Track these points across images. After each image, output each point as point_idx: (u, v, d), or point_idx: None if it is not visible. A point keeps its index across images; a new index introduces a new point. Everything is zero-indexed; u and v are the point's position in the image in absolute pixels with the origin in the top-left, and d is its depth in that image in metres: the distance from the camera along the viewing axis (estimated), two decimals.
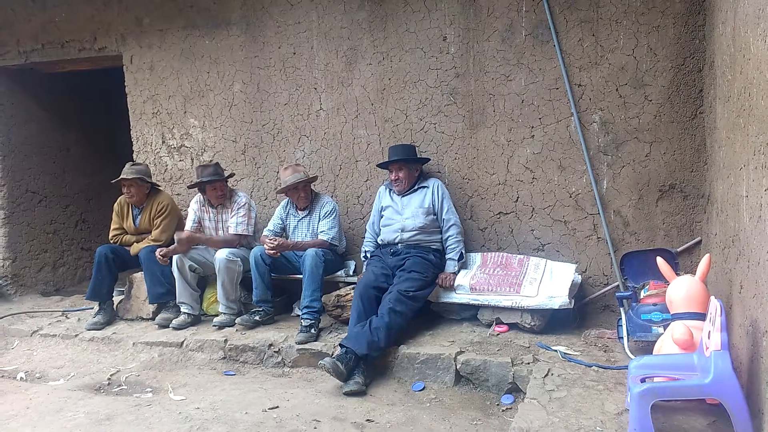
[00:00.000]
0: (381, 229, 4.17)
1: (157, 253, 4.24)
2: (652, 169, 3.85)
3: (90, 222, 6.42)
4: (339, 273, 4.39)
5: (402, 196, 4.11)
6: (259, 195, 4.87)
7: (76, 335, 4.35)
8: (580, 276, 3.95)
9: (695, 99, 3.72)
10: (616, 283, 3.91)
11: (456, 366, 3.34)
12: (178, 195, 5.08)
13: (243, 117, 4.85)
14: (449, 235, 4.03)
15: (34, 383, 3.78)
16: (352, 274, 4.46)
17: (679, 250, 3.80)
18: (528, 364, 3.21)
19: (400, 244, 4.02)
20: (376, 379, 3.41)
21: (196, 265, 4.39)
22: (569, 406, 2.64)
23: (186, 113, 5.02)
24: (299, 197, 4.29)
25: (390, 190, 4.19)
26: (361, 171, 4.56)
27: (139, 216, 4.67)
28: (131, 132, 5.22)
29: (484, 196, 4.25)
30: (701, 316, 2.55)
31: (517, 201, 4.17)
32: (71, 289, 5.94)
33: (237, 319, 4.15)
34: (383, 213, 4.18)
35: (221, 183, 4.39)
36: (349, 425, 2.88)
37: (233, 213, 4.42)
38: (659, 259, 2.90)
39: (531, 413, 2.59)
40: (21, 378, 3.88)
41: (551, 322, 3.71)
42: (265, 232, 4.38)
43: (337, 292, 4.09)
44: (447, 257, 4.03)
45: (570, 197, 4.04)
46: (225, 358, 3.90)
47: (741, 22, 2.48)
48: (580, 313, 3.90)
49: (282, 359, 3.77)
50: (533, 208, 4.13)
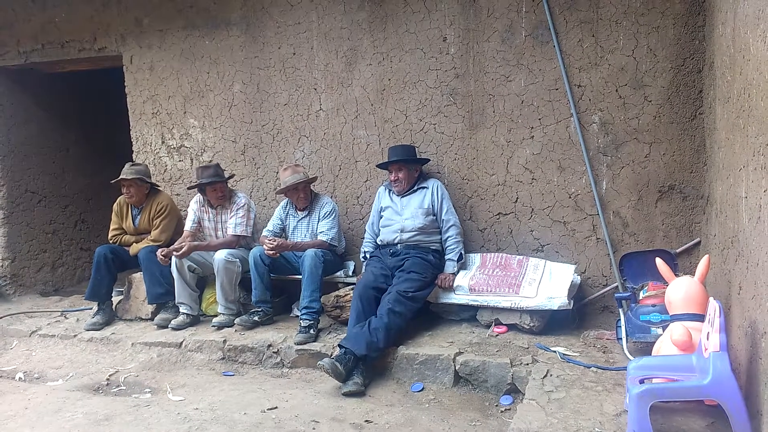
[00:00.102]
0: (380, 230, 4.17)
1: (159, 253, 4.24)
2: (651, 170, 3.85)
3: (89, 222, 6.42)
4: (338, 273, 4.39)
5: (401, 196, 4.11)
6: (259, 195, 4.87)
7: (74, 335, 4.35)
8: (579, 277, 3.95)
9: (695, 100, 3.73)
10: (615, 284, 3.91)
11: (455, 367, 3.34)
12: (177, 195, 5.08)
13: (243, 117, 4.85)
14: (448, 236, 4.03)
15: (32, 383, 3.78)
16: (351, 274, 4.46)
17: (678, 251, 3.80)
18: (527, 365, 3.21)
19: (399, 244, 4.02)
20: (375, 380, 3.41)
21: (195, 266, 4.39)
22: (568, 407, 2.64)
23: (186, 113, 5.02)
24: (299, 198, 4.29)
25: (389, 190, 4.19)
26: (361, 171, 4.56)
27: (139, 216, 4.67)
28: (131, 132, 5.22)
29: (483, 196, 4.25)
30: (700, 317, 2.55)
31: (517, 202, 4.17)
32: (70, 290, 5.94)
33: (236, 320, 4.15)
34: (383, 213, 4.18)
35: (221, 184, 4.39)
36: (348, 426, 2.87)
37: (232, 214, 4.42)
38: (658, 260, 2.90)
39: (530, 414, 2.59)
40: (20, 378, 3.88)
41: (550, 322, 3.71)
42: (265, 232, 4.38)
43: (337, 292, 4.09)
44: (446, 258, 4.03)
45: (569, 198, 4.04)
46: (224, 358, 3.90)
47: (741, 23, 2.48)
48: (579, 314, 3.90)
49: (281, 360, 3.77)
50: (533, 208, 4.13)
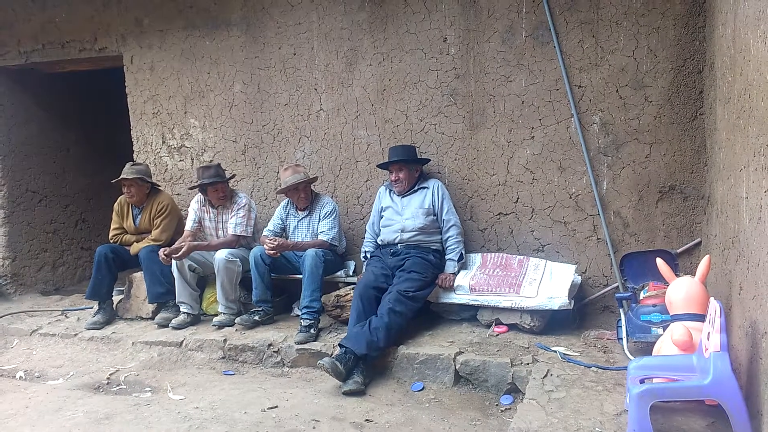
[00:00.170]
0: (381, 230, 4.17)
1: (161, 253, 4.23)
2: (652, 171, 3.86)
3: (90, 222, 6.42)
4: (339, 273, 4.39)
5: (402, 196, 4.11)
6: (259, 195, 4.87)
7: (75, 334, 4.35)
8: (579, 277, 3.96)
9: (695, 100, 3.73)
10: (615, 284, 3.91)
11: (455, 366, 3.34)
12: (178, 195, 5.08)
13: (243, 117, 4.85)
14: (449, 236, 4.03)
15: (33, 382, 3.78)
16: (351, 274, 4.47)
17: (679, 251, 3.80)
18: (527, 364, 3.21)
19: (399, 244, 4.03)
20: (375, 380, 3.41)
21: (195, 265, 4.39)
22: (568, 406, 2.64)
23: (186, 113, 5.02)
24: (299, 198, 4.29)
25: (390, 190, 4.19)
26: (361, 171, 4.56)
27: (139, 216, 4.67)
28: (131, 132, 5.23)
29: (484, 196, 4.25)
30: (701, 317, 2.55)
31: (517, 202, 4.17)
32: (71, 289, 5.94)
33: (236, 319, 4.15)
34: (383, 213, 4.18)
35: (223, 184, 4.39)
36: (348, 425, 2.88)
37: (233, 213, 4.42)
38: (659, 261, 2.90)
39: (530, 414, 2.59)
40: (20, 377, 3.88)
41: (551, 322, 3.71)
42: (265, 232, 4.39)
43: (337, 292, 4.09)
44: (447, 258, 4.03)
45: (570, 198, 4.04)
46: (224, 357, 3.90)
47: (741, 23, 2.48)
48: (579, 314, 3.90)
49: (281, 359, 3.77)
50: (533, 208, 4.13)
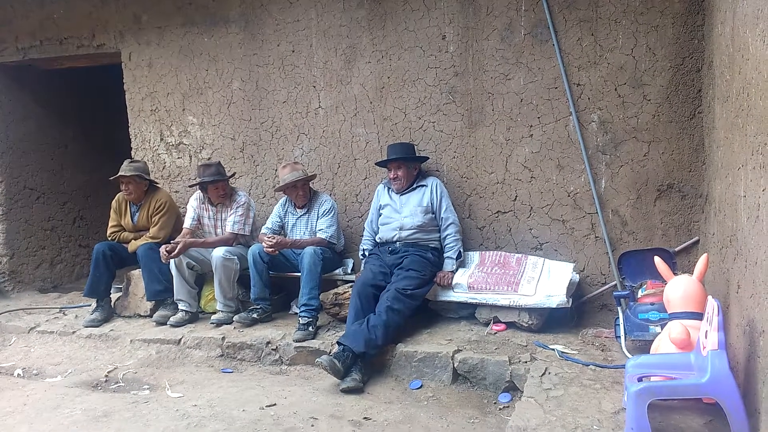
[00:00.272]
0: (379, 228, 4.17)
1: (163, 249, 4.22)
2: (650, 169, 3.86)
3: (88, 219, 6.41)
4: (337, 271, 4.39)
5: (400, 194, 4.11)
6: (258, 193, 4.87)
7: (73, 332, 4.34)
8: (577, 275, 3.96)
9: (694, 99, 3.73)
10: (613, 283, 3.91)
11: (453, 364, 3.34)
12: (176, 192, 5.07)
13: (241, 115, 4.85)
14: (447, 234, 4.03)
15: (31, 380, 3.78)
16: (350, 272, 4.47)
17: (677, 249, 3.81)
18: (525, 362, 3.21)
19: (398, 242, 4.03)
20: (373, 377, 3.41)
21: (193, 263, 4.39)
22: (566, 404, 2.64)
23: (184, 111, 5.01)
24: (297, 195, 4.28)
25: (388, 188, 4.19)
26: (360, 169, 4.56)
27: (137, 213, 4.66)
28: (129, 129, 5.21)
29: (482, 194, 4.25)
30: (698, 315, 2.55)
31: (516, 200, 4.17)
32: (69, 286, 5.93)
33: (235, 317, 4.14)
34: (382, 211, 4.18)
35: (223, 183, 4.38)
36: (347, 423, 2.88)
37: (232, 211, 4.41)
38: (657, 259, 2.91)
39: (528, 412, 2.59)
40: (18, 375, 3.88)
41: (549, 320, 3.72)
42: (264, 229, 4.38)
43: (335, 290, 4.09)
44: (445, 256, 4.03)
45: (568, 196, 4.05)
46: (222, 355, 3.90)
47: (740, 22, 2.48)
48: (577, 312, 3.91)
49: (280, 357, 3.77)
50: (531, 207, 4.13)
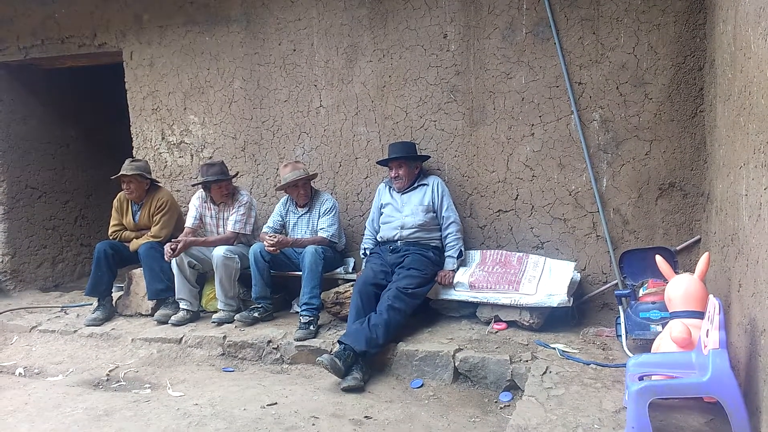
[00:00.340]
0: (380, 227, 4.17)
1: (167, 247, 4.22)
2: (651, 168, 3.85)
3: (89, 218, 6.42)
4: (338, 270, 4.39)
5: (402, 193, 4.11)
6: (259, 192, 4.87)
7: (75, 331, 4.35)
8: (579, 274, 3.96)
9: (695, 97, 3.72)
10: (614, 281, 3.91)
11: (454, 363, 3.34)
12: (177, 191, 5.08)
13: (243, 114, 4.85)
14: (449, 233, 4.03)
15: (32, 379, 3.79)
16: (351, 271, 4.47)
17: (678, 248, 3.80)
18: (526, 361, 3.21)
19: (399, 241, 4.02)
20: (374, 376, 3.41)
21: (195, 262, 4.39)
22: (567, 403, 2.64)
23: (186, 110, 5.02)
24: (299, 194, 4.28)
25: (390, 187, 4.19)
26: (361, 168, 4.56)
27: (139, 212, 4.66)
28: (131, 128, 5.22)
29: (483, 193, 4.25)
30: (700, 314, 2.55)
31: (517, 199, 4.17)
32: (70, 285, 5.95)
33: (236, 316, 4.15)
34: (383, 210, 4.17)
35: (227, 182, 4.39)
36: (348, 422, 2.88)
37: (234, 211, 4.42)
38: (658, 258, 2.90)
39: (529, 411, 2.59)
40: (20, 373, 3.89)
41: (550, 319, 3.72)
42: (265, 228, 4.39)
43: (336, 289, 4.10)
44: (446, 254, 4.03)
45: (569, 195, 4.04)
46: (224, 354, 3.90)
47: (742, 20, 2.47)
48: (578, 311, 3.90)
49: (281, 356, 3.77)
50: (533, 205, 4.13)
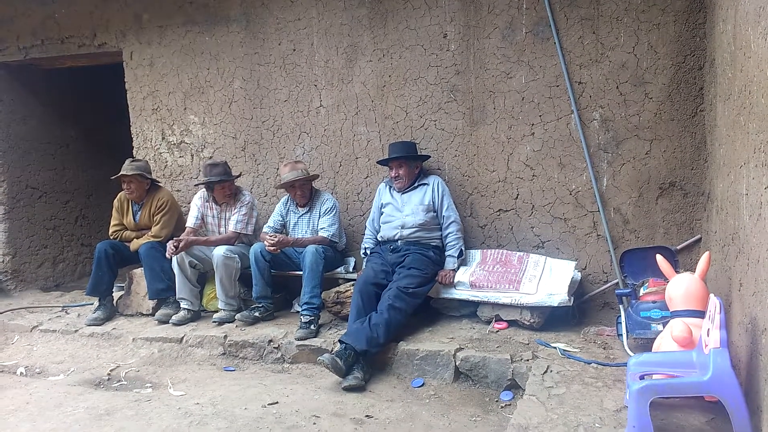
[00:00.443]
0: (381, 226, 4.17)
1: (170, 244, 4.22)
2: (652, 167, 3.86)
3: (90, 218, 6.42)
4: (339, 270, 4.39)
5: (402, 193, 4.11)
6: (259, 191, 4.87)
7: (75, 331, 4.35)
8: (579, 273, 3.96)
9: (696, 97, 3.73)
10: (615, 281, 3.91)
11: (455, 362, 3.34)
12: (178, 191, 5.08)
13: (243, 113, 4.85)
14: (449, 232, 4.03)
15: (33, 378, 3.79)
16: (351, 270, 4.47)
17: (679, 247, 3.81)
18: (527, 360, 3.21)
19: (399, 240, 4.03)
20: (375, 376, 3.42)
21: (196, 261, 4.39)
22: (568, 402, 2.65)
23: (186, 109, 5.02)
24: (297, 195, 4.29)
25: (390, 187, 4.19)
26: (361, 168, 4.56)
27: (139, 212, 4.67)
28: (131, 128, 5.22)
29: (484, 193, 4.25)
30: (700, 313, 2.55)
31: (517, 198, 4.17)
32: (71, 285, 5.95)
33: (237, 315, 4.15)
34: (383, 210, 4.18)
35: (230, 183, 4.39)
36: (348, 421, 2.88)
37: (235, 210, 4.42)
38: (659, 257, 2.91)
39: (530, 410, 2.60)
40: (21, 373, 3.89)
41: (550, 319, 3.72)
42: (265, 228, 4.39)
43: (337, 288, 4.10)
44: (447, 254, 4.03)
45: (570, 195, 4.04)
46: (225, 353, 3.91)
47: (742, 20, 2.48)
48: (579, 311, 3.90)
49: (281, 355, 3.78)
50: (533, 205, 4.13)
